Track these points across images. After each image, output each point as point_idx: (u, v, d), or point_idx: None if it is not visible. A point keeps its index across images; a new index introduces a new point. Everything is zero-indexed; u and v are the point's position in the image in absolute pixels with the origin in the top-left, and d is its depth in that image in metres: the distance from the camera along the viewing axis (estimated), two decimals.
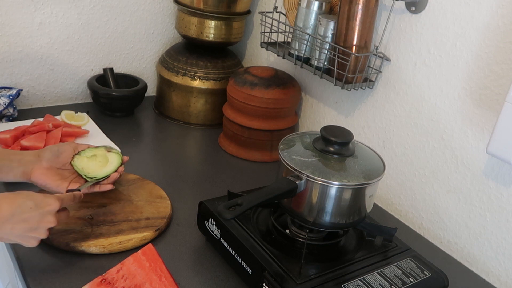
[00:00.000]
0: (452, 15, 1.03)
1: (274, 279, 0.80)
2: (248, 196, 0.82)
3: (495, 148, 0.91)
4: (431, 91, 1.10)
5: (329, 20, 1.16)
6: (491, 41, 0.97)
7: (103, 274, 0.81)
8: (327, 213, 0.86)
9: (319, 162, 0.86)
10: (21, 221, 0.78)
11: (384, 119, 1.21)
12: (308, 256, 0.88)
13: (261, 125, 1.32)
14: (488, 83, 0.99)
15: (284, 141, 0.93)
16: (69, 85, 1.51)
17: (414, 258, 0.92)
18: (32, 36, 1.39)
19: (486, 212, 1.03)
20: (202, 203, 0.96)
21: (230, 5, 1.42)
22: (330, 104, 1.35)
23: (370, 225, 0.96)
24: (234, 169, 1.30)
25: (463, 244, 1.08)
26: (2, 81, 1.39)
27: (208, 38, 1.45)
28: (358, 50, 1.13)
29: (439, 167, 1.10)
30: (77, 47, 1.47)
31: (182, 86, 1.46)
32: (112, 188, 1.01)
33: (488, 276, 1.04)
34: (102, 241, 0.92)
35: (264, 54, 1.56)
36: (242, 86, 1.31)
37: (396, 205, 1.22)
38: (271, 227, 0.95)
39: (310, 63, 1.23)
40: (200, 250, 0.97)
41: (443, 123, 1.08)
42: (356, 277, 0.84)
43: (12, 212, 0.77)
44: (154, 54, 1.62)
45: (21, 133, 1.20)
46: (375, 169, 0.88)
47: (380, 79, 1.20)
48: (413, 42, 1.11)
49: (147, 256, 0.83)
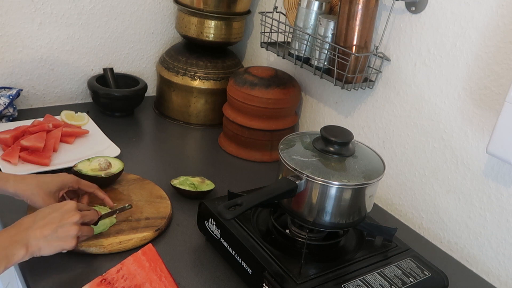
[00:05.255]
0: (452, 15, 1.03)
1: (274, 279, 0.80)
2: (248, 196, 0.82)
3: (495, 148, 0.91)
4: (431, 91, 1.10)
5: (329, 20, 1.16)
6: (491, 41, 0.97)
7: (103, 274, 0.81)
8: (327, 213, 0.86)
9: (319, 162, 0.86)
10: (45, 225, 0.80)
11: (384, 119, 1.21)
12: (308, 256, 0.88)
13: (261, 125, 1.32)
14: (488, 83, 0.99)
15: (284, 141, 0.93)
16: (69, 85, 1.51)
17: (414, 258, 0.92)
18: (32, 36, 1.39)
19: (486, 212, 1.03)
20: (202, 203, 0.96)
21: (230, 5, 1.42)
22: (330, 104, 1.35)
23: (370, 225, 0.96)
24: (234, 169, 1.30)
25: (463, 244, 1.08)
26: (2, 81, 1.39)
27: (208, 38, 1.45)
28: (358, 50, 1.13)
29: (439, 167, 1.10)
30: (77, 47, 1.47)
31: (182, 86, 1.46)
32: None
33: (488, 276, 1.04)
34: (102, 241, 0.92)
35: (264, 54, 1.56)
36: (242, 86, 1.31)
37: (396, 205, 1.22)
38: (271, 227, 0.95)
39: (310, 63, 1.23)
40: (200, 250, 0.97)
41: (443, 123, 1.08)
42: (356, 277, 0.84)
43: (33, 220, 0.81)
44: (154, 54, 1.62)
45: (21, 133, 1.20)
46: (375, 169, 0.88)
47: (380, 79, 1.20)
48: (413, 42, 1.11)
49: (147, 256, 0.83)
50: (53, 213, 0.82)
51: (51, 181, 0.93)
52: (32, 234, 0.78)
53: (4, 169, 1.09)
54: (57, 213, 0.82)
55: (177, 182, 1.12)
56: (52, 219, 0.81)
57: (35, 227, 0.79)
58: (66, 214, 0.82)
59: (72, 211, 0.83)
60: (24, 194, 0.91)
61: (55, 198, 0.93)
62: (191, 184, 1.12)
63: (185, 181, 1.12)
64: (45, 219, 0.81)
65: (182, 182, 1.12)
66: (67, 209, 0.83)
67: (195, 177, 1.15)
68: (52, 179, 0.94)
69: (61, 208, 0.83)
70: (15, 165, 1.12)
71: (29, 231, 0.79)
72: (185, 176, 1.15)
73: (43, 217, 0.81)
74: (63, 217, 0.82)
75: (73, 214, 0.83)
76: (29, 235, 0.78)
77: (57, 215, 0.82)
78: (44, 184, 0.92)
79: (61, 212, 0.82)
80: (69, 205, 0.84)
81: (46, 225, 0.80)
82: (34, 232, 0.79)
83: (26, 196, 0.91)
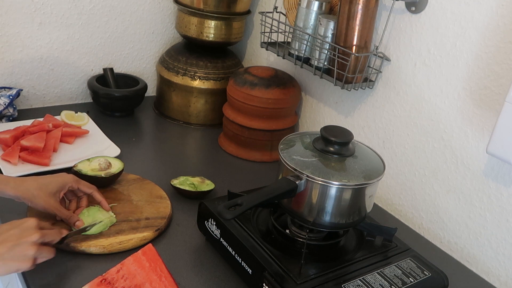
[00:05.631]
0: (452, 15, 1.03)
1: (274, 279, 0.80)
2: (248, 196, 0.82)
3: (495, 148, 0.91)
4: (431, 91, 1.10)
5: (329, 20, 1.16)
6: (491, 41, 0.97)
7: (103, 274, 0.81)
8: (327, 213, 0.86)
9: (319, 162, 0.86)
10: (1, 242, 0.75)
11: (384, 119, 1.21)
12: (308, 256, 0.88)
13: (261, 125, 1.32)
14: (488, 83, 0.99)
15: (284, 141, 0.93)
16: (69, 85, 1.51)
17: (414, 258, 0.92)
18: (32, 36, 1.39)
19: (486, 212, 1.03)
20: (202, 203, 0.96)
21: (230, 5, 1.42)
22: (330, 104, 1.35)
23: (370, 225, 0.96)
24: (234, 169, 1.30)
25: (463, 244, 1.08)
26: (2, 81, 1.39)
27: (208, 38, 1.45)
28: (358, 50, 1.13)
29: (439, 167, 1.10)
30: (77, 47, 1.47)
31: (182, 86, 1.46)
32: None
33: (488, 276, 1.04)
34: (102, 241, 0.92)
35: (264, 54, 1.56)
36: (242, 86, 1.31)
37: (396, 205, 1.22)
38: (271, 227, 0.95)
39: (310, 63, 1.23)
40: (200, 250, 0.97)
41: (443, 123, 1.08)
42: (356, 277, 0.84)
43: None
44: (154, 54, 1.62)
45: (21, 133, 1.20)
46: (375, 169, 0.88)
47: (380, 79, 1.20)
48: (413, 42, 1.11)
49: (147, 256, 0.83)
50: (11, 229, 0.77)
51: (51, 182, 0.93)
52: None
53: (4, 169, 1.09)
54: (15, 230, 0.77)
55: (177, 182, 1.12)
56: (9, 236, 0.76)
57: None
58: (25, 232, 0.77)
59: (31, 229, 0.78)
60: (25, 196, 0.90)
61: (56, 198, 0.92)
62: (191, 184, 1.12)
63: (185, 181, 1.12)
64: (1, 236, 0.76)
65: (182, 182, 1.12)
66: (27, 227, 0.78)
67: (195, 177, 1.15)
68: (52, 180, 0.94)
69: (20, 225, 0.78)
70: (15, 165, 1.12)
71: None
72: (185, 176, 1.15)
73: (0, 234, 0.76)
74: (21, 235, 0.77)
75: (32, 232, 0.78)
76: None
77: (14, 233, 0.77)
78: (44, 185, 0.92)
79: (20, 229, 0.78)
80: (29, 223, 0.79)
81: (2, 243, 0.75)
82: None
83: (28, 198, 0.90)
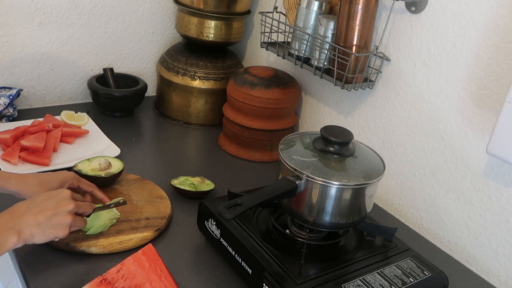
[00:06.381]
0: (452, 15, 1.03)
1: (274, 279, 0.80)
2: (248, 196, 0.82)
3: (495, 148, 0.91)
4: (431, 91, 1.10)
5: (329, 20, 1.16)
6: (491, 41, 0.97)
7: (103, 274, 0.81)
8: (327, 213, 0.86)
9: (319, 162, 0.86)
10: (39, 212, 0.79)
11: (384, 119, 1.21)
12: (308, 256, 0.88)
13: (261, 125, 1.32)
14: (488, 83, 0.99)
15: (284, 141, 0.93)
16: (69, 85, 1.51)
17: (414, 258, 0.92)
18: (32, 36, 1.39)
19: (486, 212, 1.03)
20: (202, 203, 0.96)
21: (230, 5, 1.42)
22: (330, 104, 1.35)
23: (370, 225, 0.96)
24: (234, 169, 1.30)
25: (463, 244, 1.08)
26: (2, 81, 1.39)
27: (208, 38, 1.45)
28: (358, 50, 1.13)
29: (439, 167, 1.10)
30: (77, 47, 1.47)
31: (182, 86, 1.46)
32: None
33: (488, 276, 1.04)
34: (102, 241, 0.92)
35: (264, 54, 1.56)
36: (242, 86, 1.31)
37: (396, 205, 1.22)
38: (271, 227, 0.95)
39: (310, 63, 1.23)
40: (200, 250, 0.97)
41: (443, 123, 1.08)
42: (356, 277, 0.84)
43: (27, 206, 0.80)
44: (154, 54, 1.62)
45: (21, 133, 1.20)
46: (375, 169, 0.88)
47: (380, 79, 1.20)
48: (413, 42, 1.11)
49: (147, 256, 0.83)
50: (48, 200, 0.81)
51: (52, 179, 0.93)
52: (26, 221, 0.77)
53: (4, 169, 1.09)
54: (52, 200, 0.81)
55: (177, 182, 1.12)
56: (47, 206, 0.80)
57: (29, 213, 0.78)
58: (61, 202, 0.82)
59: (67, 200, 0.82)
60: (26, 193, 0.90)
61: None
62: (191, 184, 1.12)
63: (185, 181, 1.12)
64: (39, 206, 0.80)
65: (182, 182, 1.12)
66: (62, 197, 0.82)
67: (195, 177, 1.15)
68: (53, 177, 0.94)
69: (56, 196, 0.82)
70: (15, 165, 1.12)
71: (23, 218, 0.77)
72: (185, 176, 1.15)
73: (37, 204, 0.80)
74: (58, 205, 0.81)
75: (68, 202, 0.82)
76: (22, 222, 0.77)
77: (52, 203, 0.81)
78: (45, 182, 0.92)
79: (56, 199, 0.82)
80: (64, 193, 0.83)
81: (41, 212, 0.79)
82: (28, 219, 0.77)
83: (28, 195, 0.90)
